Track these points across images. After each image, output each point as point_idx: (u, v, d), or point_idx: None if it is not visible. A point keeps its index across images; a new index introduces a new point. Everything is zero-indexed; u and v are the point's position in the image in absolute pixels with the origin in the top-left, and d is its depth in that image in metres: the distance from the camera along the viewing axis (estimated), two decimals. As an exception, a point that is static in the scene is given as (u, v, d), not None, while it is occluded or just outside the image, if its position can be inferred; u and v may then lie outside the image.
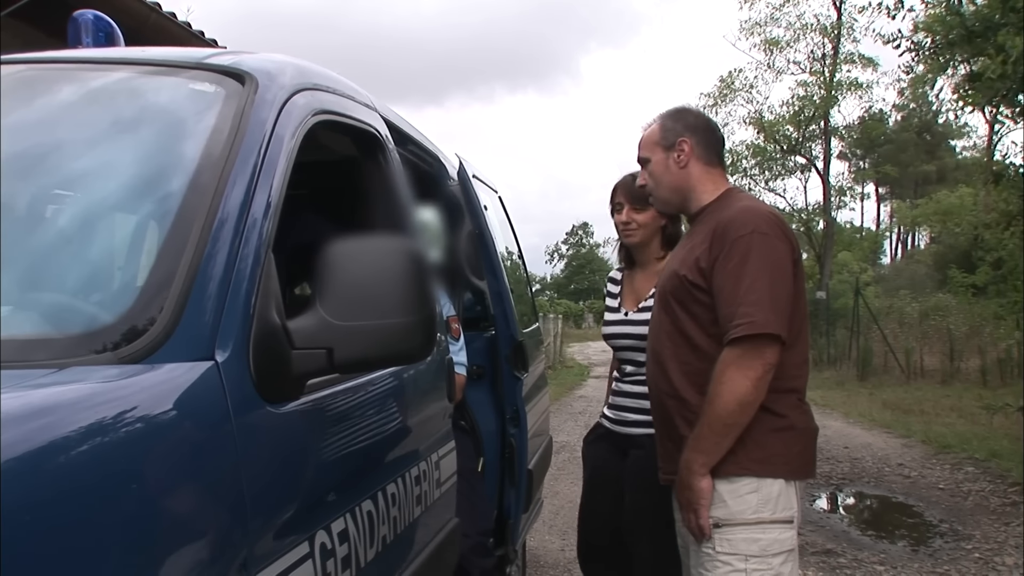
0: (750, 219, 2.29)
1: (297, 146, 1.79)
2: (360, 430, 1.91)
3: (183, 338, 1.37)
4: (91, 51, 2.34)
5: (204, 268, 1.44)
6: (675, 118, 2.53)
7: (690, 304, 2.37)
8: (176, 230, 1.48)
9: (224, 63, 1.87)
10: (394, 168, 2.35)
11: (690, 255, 2.39)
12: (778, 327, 2.20)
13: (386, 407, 2.08)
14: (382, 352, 1.57)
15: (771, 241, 2.26)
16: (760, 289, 2.21)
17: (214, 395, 1.36)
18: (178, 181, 1.57)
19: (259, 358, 1.47)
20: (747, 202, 2.42)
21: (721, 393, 2.22)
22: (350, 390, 1.85)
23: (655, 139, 2.53)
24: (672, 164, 2.49)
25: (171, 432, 1.27)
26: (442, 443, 2.45)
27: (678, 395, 2.40)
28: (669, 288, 2.45)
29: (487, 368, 3.79)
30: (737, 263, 2.25)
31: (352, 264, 1.54)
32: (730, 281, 2.25)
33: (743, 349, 2.20)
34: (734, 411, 2.22)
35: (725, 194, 2.49)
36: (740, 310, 2.21)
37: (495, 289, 3.58)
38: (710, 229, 2.35)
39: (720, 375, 2.23)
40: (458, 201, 3.58)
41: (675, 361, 2.41)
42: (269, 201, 1.62)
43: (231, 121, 1.68)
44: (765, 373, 2.21)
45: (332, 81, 2.14)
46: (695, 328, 2.37)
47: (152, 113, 1.83)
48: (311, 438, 1.67)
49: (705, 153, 2.50)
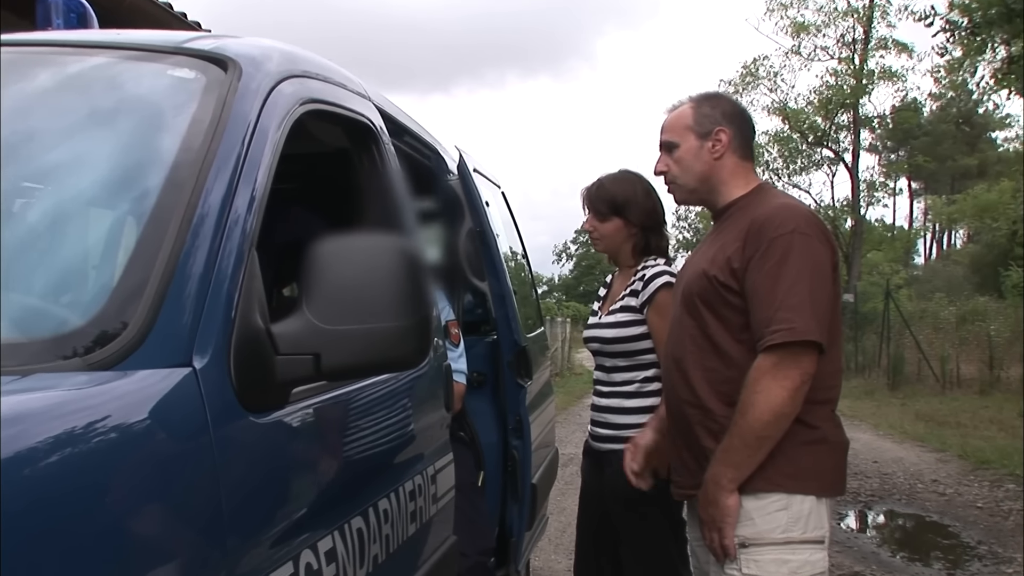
0: (790, 218, 2.28)
1: (284, 137, 1.79)
2: (350, 442, 1.91)
3: (158, 342, 1.37)
4: (61, 33, 2.34)
5: (182, 267, 1.44)
6: (712, 104, 2.51)
7: (719, 307, 2.35)
8: (152, 227, 1.48)
9: (205, 48, 1.87)
10: (389, 161, 2.35)
11: (720, 254, 2.35)
12: (819, 334, 2.19)
13: (378, 417, 2.08)
14: (374, 358, 1.57)
15: (812, 243, 2.25)
16: (800, 292, 2.20)
17: (191, 404, 1.36)
18: (154, 174, 1.57)
19: (241, 364, 1.47)
20: (784, 199, 2.42)
21: (755, 403, 2.20)
22: (339, 399, 1.85)
23: (687, 123, 2.50)
24: (706, 153, 2.47)
25: (144, 444, 1.27)
26: (439, 455, 2.45)
27: (701, 404, 2.38)
28: (696, 289, 2.41)
29: (488, 375, 3.79)
30: (776, 263, 2.23)
31: (342, 263, 1.54)
32: (767, 282, 2.23)
33: (779, 357, 2.19)
34: (768, 423, 2.20)
35: (757, 190, 2.48)
36: (779, 315, 2.19)
37: (497, 291, 3.58)
38: (743, 227, 2.32)
39: (754, 384, 2.21)
40: (458, 197, 3.58)
41: (699, 368, 2.39)
42: (253, 196, 1.63)
43: (212, 110, 1.67)
44: (802, 383, 2.19)
45: (322, 68, 2.14)
46: (723, 333, 2.35)
47: (128, 101, 1.83)
48: (296, 450, 1.67)
49: (741, 146, 2.50)
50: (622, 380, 3.09)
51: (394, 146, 2.51)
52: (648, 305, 2.99)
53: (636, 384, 3.06)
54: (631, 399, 3.06)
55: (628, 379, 3.07)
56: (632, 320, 3.04)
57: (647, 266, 3.09)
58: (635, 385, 3.06)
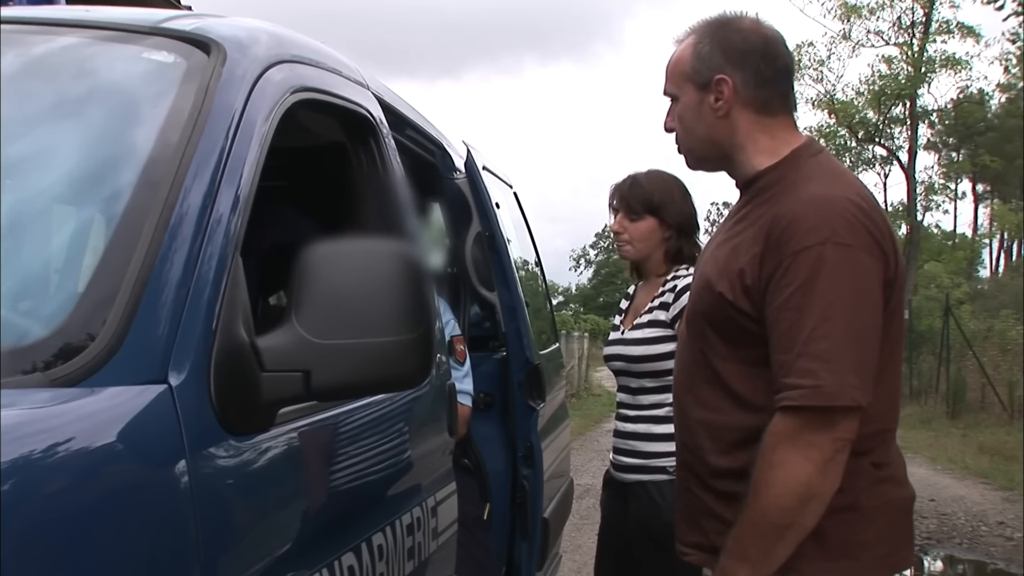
0: (823, 220, 1.86)
1: (272, 129, 1.80)
2: (341, 469, 1.92)
3: (130, 357, 1.38)
4: (23, 10, 2.36)
5: (157, 273, 1.45)
6: (713, 40, 2.06)
7: (729, 331, 2.00)
8: (124, 228, 1.50)
9: (185, 29, 1.89)
10: (388, 157, 2.37)
11: (733, 260, 1.98)
12: (858, 393, 1.81)
13: (373, 442, 2.08)
14: (369, 376, 1.57)
15: (854, 256, 1.85)
16: (833, 333, 1.81)
17: (166, 425, 1.37)
18: (128, 170, 1.59)
19: (222, 381, 1.47)
20: (820, 185, 1.95)
21: (771, 481, 1.86)
22: (330, 421, 1.86)
23: (684, 69, 2.09)
24: (708, 110, 2.06)
25: (113, 470, 1.28)
26: (441, 485, 2.46)
27: (699, 454, 2.07)
28: (701, 306, 2.07)
29: (496, 397, 3.79)
30: (799, 289, 1.84)
31: (336, 271, 1.54)
32: (788, 316, 1.85)
33: (803, 420, 1.83)
34: (789, 509, 1.86)
35: (791, 158, 2.04)
36: (799, 363, 1.82)
37: (507, 302, 3.58)
38: (764, 224, 1.93)
39: (769, 454, 1.86)
40: (465, 197, 3.59)
41: (698, 407, 2.07)
42: (238, 195, 1.64)
43: (193, 99, 1.69)
44: (837, 452, 1.84)
45: (315, 53, 2.15)
46: (734, 365, 2.00)
47: (99, 88, 1.85)
48: (282, 478, 1.68)
49: (758, 95, 2.04)
50: (650, 403, 3.07)
51: (395, 140, 2.53)
52: (680, 319, 2.98)
53: (666, 408, 2.93)
54: (660, 424, 3.00)
55: (657, 402, 3.04)
56: (661, 336, 3.03)
57: (678, 276, 3.08)
58: (665, 409, 2.96)
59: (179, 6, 6.87)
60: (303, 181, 3.62)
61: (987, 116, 40.78)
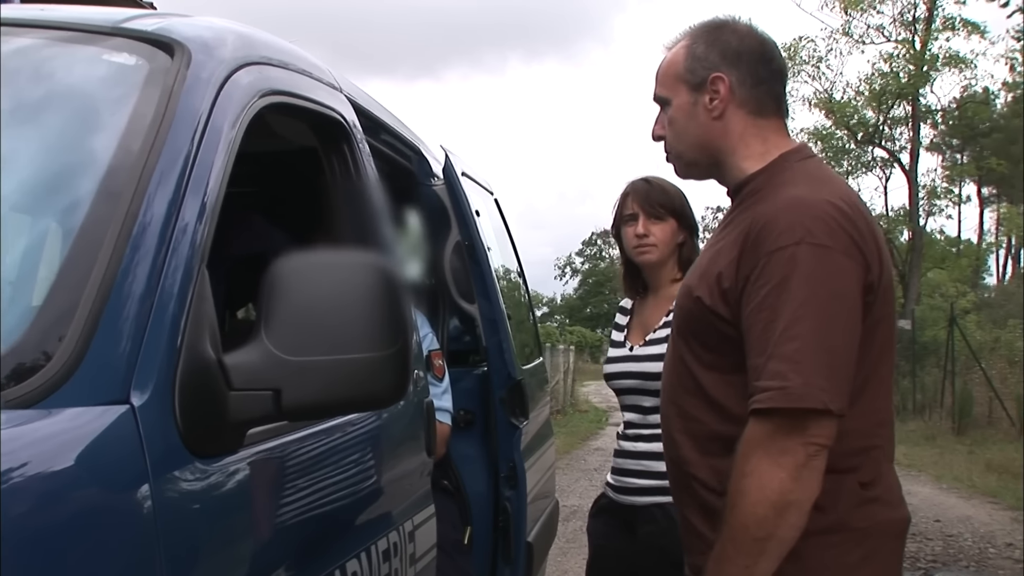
0: (798, 220, 1.90)
1: (240, 135, 1.81)
2: (314, 492, 1.92)
3: (90, 375, 1.38)
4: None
5: (119, 287, 1.46)
6: (709, 40, 2.12)
7: (709, 339, 2.03)
8: (84, 239, 1.50)
9: (148, 29, 1.89)
10: (362, 162, 2.38)
11: (712, 266, 2.03)
12: (829, 395, 1.83)
13: (347, 464, 2.09)
14: (343, 394, 1.58)
15: (830, 258, 1.88)
16: (802, 334, 1.84)
17: (128, 448, 1.37)
18: (88, 178, 1.59)
19: (187, 401, 1.48)
20: (803, 186, 2.00)
21: (745, 490, 1.86)
22: (302, 442, 1.86)
23: (677, 70, 2.14)
24: (701, 111, 2.11)
25: (72, 496, 1.28)
26: (419, 508, 2.46)
27: (683, 466, 2.11)
28: (682, 315, 2.13)
29: (477, 414, 3.79)
30: (772, 290, 1.87)
31: (308, 283, 1.55)
32: (762, 318, 1.88)
33: (774, 424, 1.85)
34: (765, 518, 1.85)
35: (779, 162, 2.09)
36: (770, 366, 1.85)
37: (488, 315, 3.59)
38: (744, 228, 1.98)
39: (742, 463, 1.88)
40: (443, 205, 3.60)
41: (680, 416, 2.11)
42: (204, 203, 1.64)
43: (156, 103, 1.70)
44: (810, 458, 1.84)
45: (284, 54, 2.16)
46: (713, 373, 2.03)
47: (56, 92, 1.85)
48: (251, 502, 1.68)
49: (753, 96, 2.10)
50: None
51: (369, 145, 2.54)
52: None
53: None
54: None
55: None
56: None
57: None
58: None
59: (142, 5, 6.86)
60: (273, 189, 3.63)
61: (992, 116, 41.03)
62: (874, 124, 29.86)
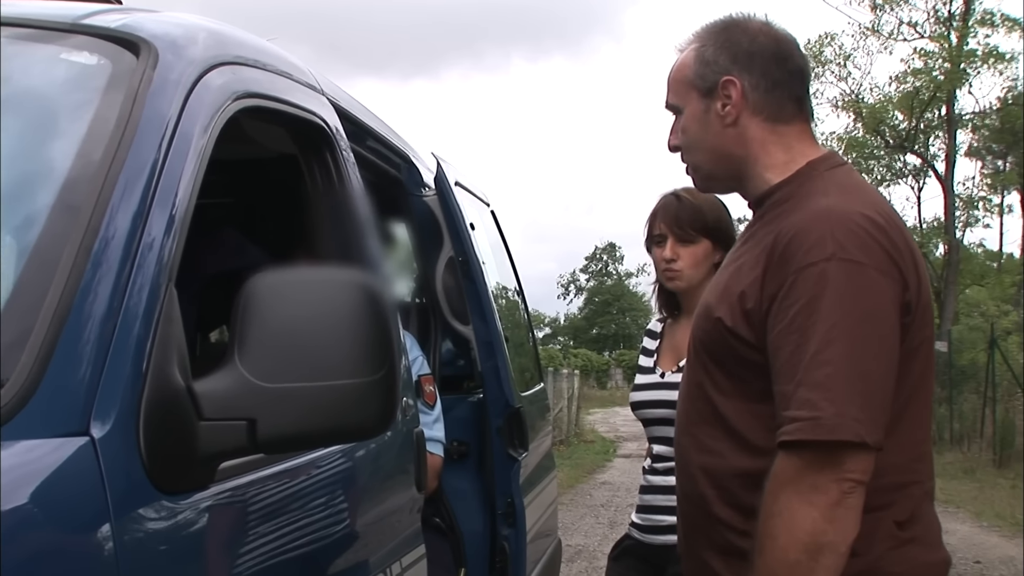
0: (828, 234, 1.88)
1: (212, 141, 1.81)
2: (292, 532, 1.91)
3: (45, 404, 1.38)
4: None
5: (78, 308, 1.45)
6: (719, 41, 2.11)
7: (730, 364, 2.02)
8: (39, 257, 1.50)
9: (111, 26, 1.89)
10: (346, 171, 2.38)
11: (734, 284, 2.02)
12: (862, 428, 1.80)
13: (329, 500, 2.08)
14: (324, 425, 1.58)
15: (864, 274, 1.86)
16: (835, 359, 1.82)
17: (88, 483, 1.36)
18: (45, 190, 1.59)
19: (153, 432, 1.47)
20: (834, 196, 1.98)
21: (774, 532, 1.84)
22: (279, 477, 1.86)
23: (687, 76, 2.14)
24: (714, 119, 2.10)
25: (27, 536, 1.27)
26: (408, 548, 2.46)
27: (702, 504, 2.07)
28: (700, 336, 2.10)
29: (472, 445, 3.79)
30: (801, 311, 1.86)
31: (286, 304, 1.55)
32: (791, 341, 1.86)
33: (805, 460, 1.83)
34: (798, 563, 1.82)
35: (805, 171, 2.07)
36: (799, 394, 1.82)
37: (484, 336, 3.59)
38: (768, 244, 1.96)
39: (771, 502, 1.86)
40: (435, 217, 3.60)
41: (698, 450, 2.08)
42: (172, 216, 1.64)
43: (120, 107, 1.69)
44: (844, 496, 1.81)
45: (261, 53, 2.17)
46: (735, 402, 2.02)
47: (10, 96, 1.83)
48: (223, 542, 1.68)
49: (769, 100, 2.09)
50: None
51: (354, 152, 2.54)
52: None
53: None
54: None
55: None
56: None
57: None
58: None
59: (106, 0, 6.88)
60: (248, 200, 3.63)
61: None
62: (906, 129, 29.89)
